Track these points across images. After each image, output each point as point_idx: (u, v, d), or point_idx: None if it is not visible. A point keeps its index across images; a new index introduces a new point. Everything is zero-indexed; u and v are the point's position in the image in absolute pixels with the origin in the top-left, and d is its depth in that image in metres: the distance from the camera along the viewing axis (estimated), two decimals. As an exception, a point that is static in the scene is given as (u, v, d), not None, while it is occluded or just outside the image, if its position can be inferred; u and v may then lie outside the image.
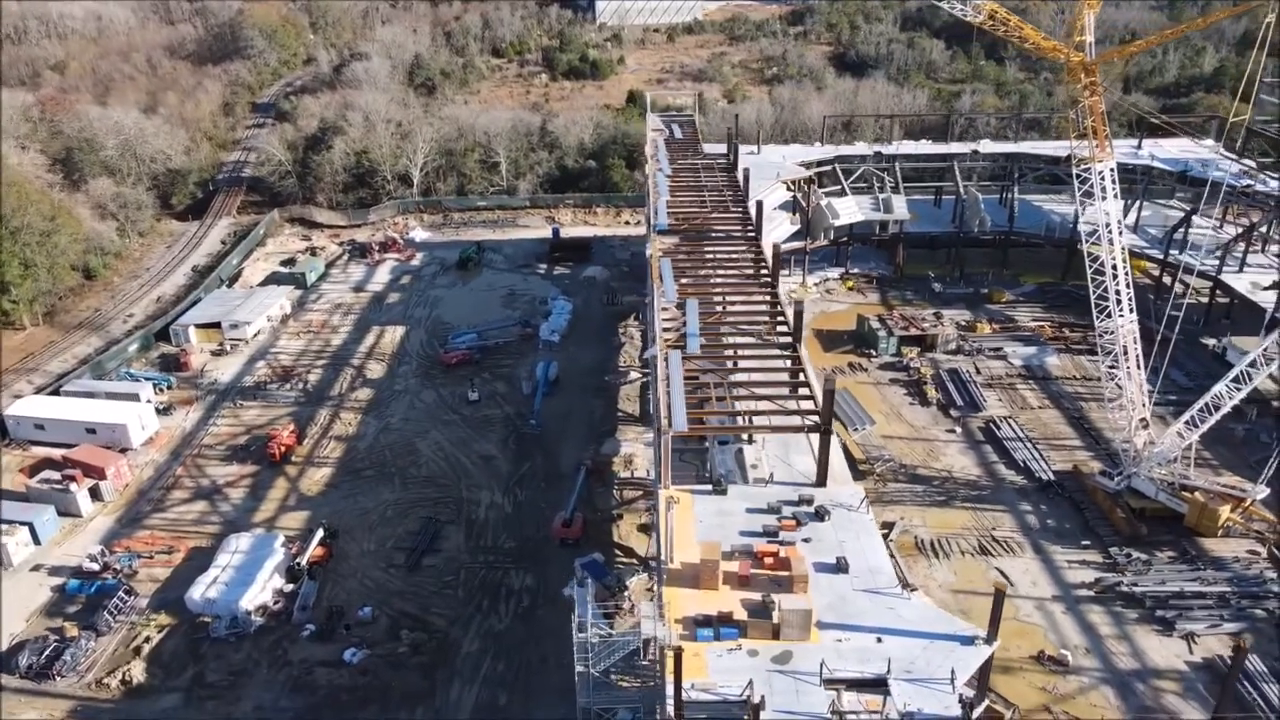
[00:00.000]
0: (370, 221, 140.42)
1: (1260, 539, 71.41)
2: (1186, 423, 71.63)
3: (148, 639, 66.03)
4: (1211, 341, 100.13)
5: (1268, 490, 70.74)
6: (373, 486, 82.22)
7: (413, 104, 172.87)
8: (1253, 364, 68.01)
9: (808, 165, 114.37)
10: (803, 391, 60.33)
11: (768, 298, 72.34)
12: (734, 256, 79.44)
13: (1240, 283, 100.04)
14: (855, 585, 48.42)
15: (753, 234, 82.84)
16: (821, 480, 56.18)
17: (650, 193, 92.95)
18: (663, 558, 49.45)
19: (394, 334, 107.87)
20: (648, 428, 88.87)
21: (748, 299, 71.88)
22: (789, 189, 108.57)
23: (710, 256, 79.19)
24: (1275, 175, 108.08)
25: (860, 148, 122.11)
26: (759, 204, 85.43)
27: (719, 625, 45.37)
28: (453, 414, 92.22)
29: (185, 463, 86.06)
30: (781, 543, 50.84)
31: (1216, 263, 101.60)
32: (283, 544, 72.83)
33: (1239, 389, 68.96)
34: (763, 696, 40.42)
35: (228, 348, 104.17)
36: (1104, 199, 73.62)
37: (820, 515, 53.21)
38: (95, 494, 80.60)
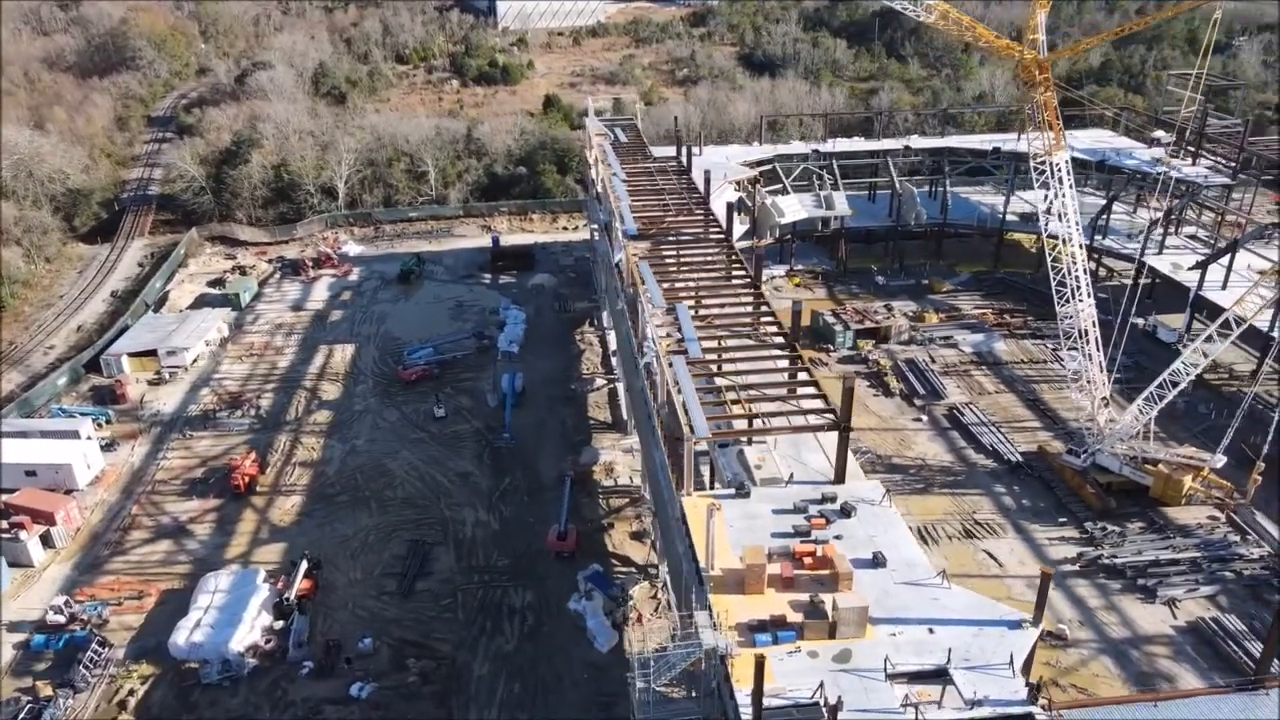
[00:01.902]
0: (297, 237, 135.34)
1: (1220, 505, 75.79)
2: (1146, 399, 75.49)
3: (131, 691, 62.09)
4: (1140, 321, 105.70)
5: (1225, 459, 74.97)
6: (348, 512, 79.25)
7: (323, 114, 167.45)
8: (1208, 339, 72.04)
9: (750, 165, 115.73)
10: (808, 390, 60.81)
11: (751, 298, 72.75)
12: (708, 258, 79.60)
13: (1162, 264, 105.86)
14: (895, 579, 49.12)
15: (723, 235, 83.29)
16: (840, 477, 56.85)
17: (608, 197, 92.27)
18: (704, 566, 49.10)
19: (344, 352, 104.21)
20: (623, 434, 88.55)
21: (735, 300, 72.12)
22: (736, 189, 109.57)
23: (685, 259, 79.10)
24: (1185, 161, 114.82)
25: (798, 146, 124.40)
26: (729, 205, 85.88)
27: (776, 629, 45.36)
28: (420, 431, 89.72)
29: (140, 501, 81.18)
30: (816, 541, 51.18)
31: (1139, 246, 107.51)
32: (265, 579, 69.57)
33: (1195, 365, 73.01)
34: (839, 697, 40.62)
35: (166, 376, 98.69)
36: (1059, 188, 77.05)
37: (846, 512, 53.76)
38: (46, 541, 75.30)
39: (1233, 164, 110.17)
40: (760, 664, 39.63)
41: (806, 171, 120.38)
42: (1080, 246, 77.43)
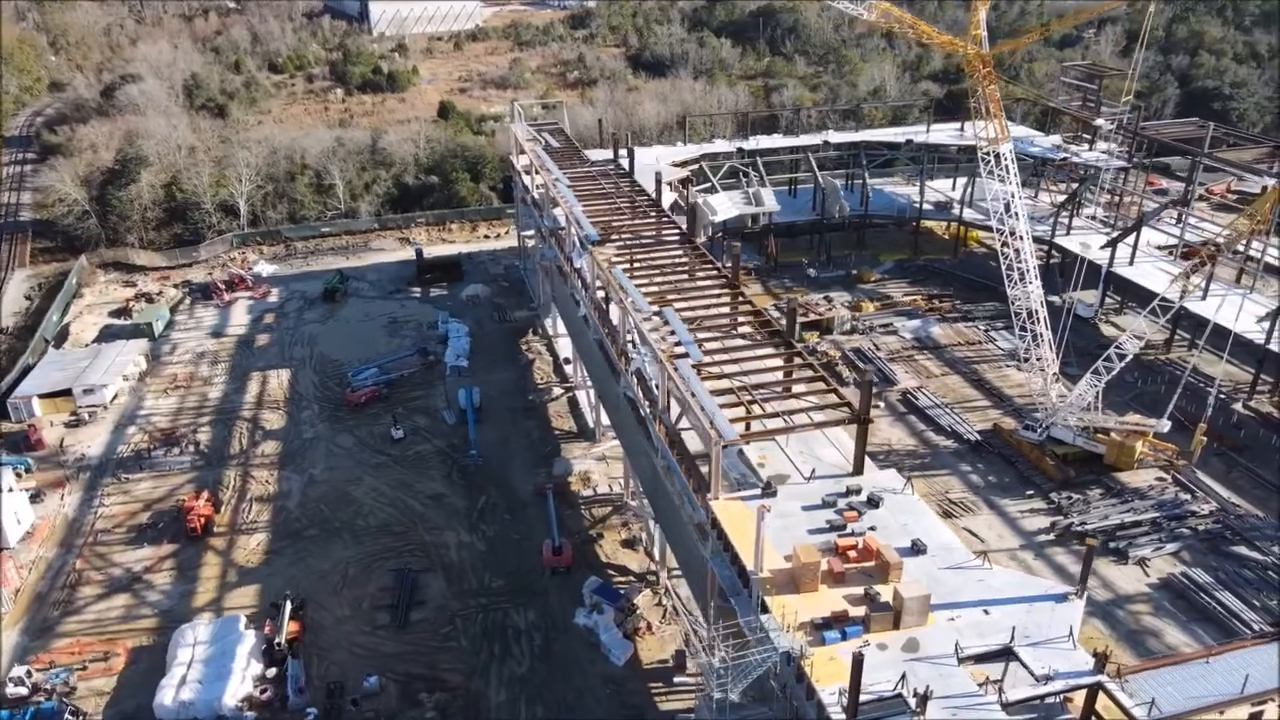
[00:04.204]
0: (201, 260, 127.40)
1: (1167, 467, 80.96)
2: (1094, 371, 79.87)
3: (119, 762, 57.19)
4: (1056, 299, 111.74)
5: (1170, 424, 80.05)
6: (321, 546, 75.21)
7: (204, 128, 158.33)
8: (1153, 313, 76.77)
9: (678, 165, 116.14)
10: (815, 386, 61.46)
11: (728, 296, 72.88)
12: (675, 260, 79.30)
13: (1071, 243, 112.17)
14: (938, 564, 50.19)
15: (684, 236, 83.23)
16: (859, 469, 57.74)
17: (558, 203, 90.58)
18: (754, 569, 48.91)
19: (279, 378, 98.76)
20: (593, 443, 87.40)
21: (716, 299, 72.06)
22: (670, 189, 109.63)
23: (649, 261, 78.54)
24: (1083, 147, 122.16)
25: (721, 145, 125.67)
26: (689, 205, 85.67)
27: (841, 625, 45.62)
28: (380, 455, 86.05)
29: (83, 554, 74.71)
30: (854, 534, 51.80)
31: (1048, 228, 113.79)
32: (248, 626, 65.24)
33: (1140, 339, 77.68)
34: (928, 686, 41.24)
35: (85, 416, 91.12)
36: (1005, 177, 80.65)
37: (874, 503, 54.67)
38: (-15, 607, 68.49)
39: (1127, 149, 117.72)
40: (859, 662, 39.72)
41: (733, 169, 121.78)
42: (1028, 231, 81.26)
